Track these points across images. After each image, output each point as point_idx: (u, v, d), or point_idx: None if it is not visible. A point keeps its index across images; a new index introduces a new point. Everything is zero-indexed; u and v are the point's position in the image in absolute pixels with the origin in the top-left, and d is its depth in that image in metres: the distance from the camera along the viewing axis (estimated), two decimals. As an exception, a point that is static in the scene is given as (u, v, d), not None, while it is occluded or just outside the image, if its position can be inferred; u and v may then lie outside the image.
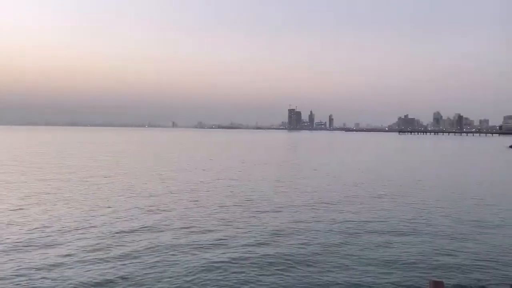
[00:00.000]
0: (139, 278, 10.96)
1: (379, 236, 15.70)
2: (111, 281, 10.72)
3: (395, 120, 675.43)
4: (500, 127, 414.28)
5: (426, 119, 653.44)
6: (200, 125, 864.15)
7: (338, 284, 10.79)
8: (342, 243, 14.64)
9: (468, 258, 12.99)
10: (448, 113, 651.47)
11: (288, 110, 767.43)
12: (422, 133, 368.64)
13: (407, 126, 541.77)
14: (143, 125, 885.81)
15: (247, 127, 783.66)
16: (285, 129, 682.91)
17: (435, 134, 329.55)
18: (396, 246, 14.36)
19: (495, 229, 17.06)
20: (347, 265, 12.26)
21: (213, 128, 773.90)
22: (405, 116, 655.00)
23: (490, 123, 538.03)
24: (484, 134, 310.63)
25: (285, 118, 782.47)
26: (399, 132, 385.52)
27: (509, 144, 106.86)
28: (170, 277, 11.07)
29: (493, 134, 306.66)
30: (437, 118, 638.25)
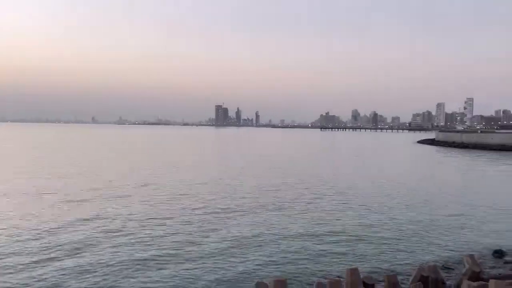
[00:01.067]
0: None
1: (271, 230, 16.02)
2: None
3: (317, 117, 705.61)
4: (409, 124, 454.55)
5: (346, 116, 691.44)
6: (121, 121, 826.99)
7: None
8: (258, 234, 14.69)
9: (380, 244, 13.74)
10: (365, 111, 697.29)
11: (215, 106, 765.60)
12: (342, 129, 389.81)
13: (328, 123, 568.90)
14: (59, 121, 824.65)
15: (174, 123, 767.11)
16: (213, 125, 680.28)
17: (353, 130, 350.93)
18: (300, 240, 14.75)
19: (401, 215, 18.36)
20: (275, 260, 12.27)
21: (136, 124, 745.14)
22: (326, 113, 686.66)
23: (401, 120, 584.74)
24: (396, 130, 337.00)
25: (212, 114, 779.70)
26: (321, 128, 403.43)
27: (417, 140, 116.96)
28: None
29: (403, 130, 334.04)
30: (355, 116, 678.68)
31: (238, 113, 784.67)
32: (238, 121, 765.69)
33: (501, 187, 29.02)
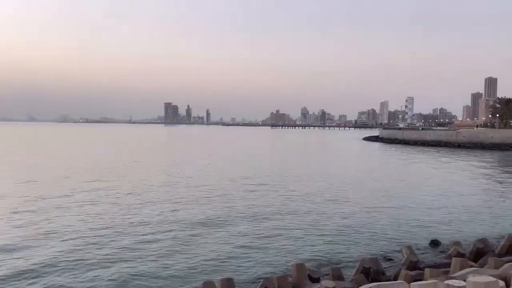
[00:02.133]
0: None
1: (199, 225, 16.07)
2: None
3: (268, 115, 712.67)
4: (355, 121, 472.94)
5: (295, 114, 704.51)
6: (64, 119, 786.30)
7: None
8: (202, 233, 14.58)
9: (326, 238, 14.13)
10: (313, 109, 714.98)
11: (164, 104, 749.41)
12: (292, 127, 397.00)
13: (278, 120, 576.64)
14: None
15: (120, 121, 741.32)
16: (162, 123, 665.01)
17: (303, 128, 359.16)
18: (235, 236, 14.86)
19: (347, 209, 19.01)
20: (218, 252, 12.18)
21: (80, 122, 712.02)
22: (276, 111, 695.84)
23: (348, 118, 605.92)
24: (343, 128, 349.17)
25: (161, 112, 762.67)
26: (272, 126, 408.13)
27: (362, 137, 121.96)
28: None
29: (350, 128, 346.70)
30: (304, 113, 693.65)
31: (188, 111, 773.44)
32: (188, 119, 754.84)
33: (437, 181, 30.91)
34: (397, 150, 71.37)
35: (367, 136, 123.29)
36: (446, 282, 4.95)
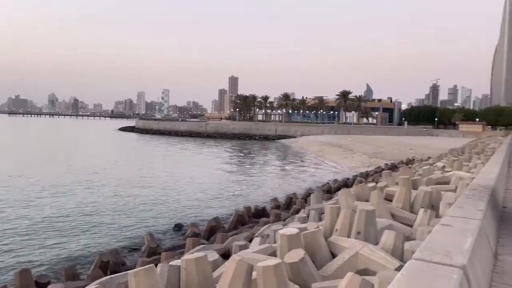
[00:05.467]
0: None
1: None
2: None
3: (4, 100, 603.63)
4: (112, 111, 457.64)
5: (41, 101, 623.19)
6: None
7: None
8: None
9: (61, 237, 12.90)
10: (64, 96, 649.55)
11: None
12: (36, 115, 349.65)
13: (19, 107, 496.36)
14: None
15: None
16: None
17: (51, 117, 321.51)
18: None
19: (90, 203, 18.03)
20: None
21: None
22: (16, 96, 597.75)
23: (104, 108, 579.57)
24: (98, 118, 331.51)
25: None
26: (9, 114, 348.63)
27: (118, 127, 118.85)
28: None
29: (106, 118, 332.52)
30: (53, 100, 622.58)
31: None
32: None
33: (185, 167, 33.26)
34: (152, 140, 73.09)
35: (123, 126, 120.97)
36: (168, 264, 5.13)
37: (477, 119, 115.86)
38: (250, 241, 8.23)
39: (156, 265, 5.31)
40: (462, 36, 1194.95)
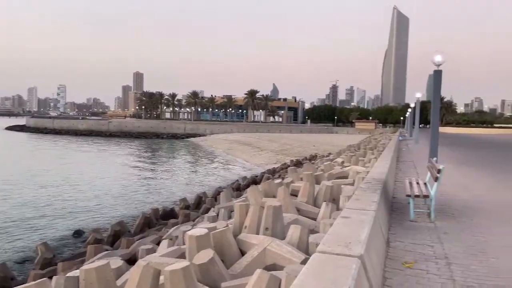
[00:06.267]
0: None
1: None
2: None
3: None
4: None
5: None
6: None
7: None
8: None
9: None
10: None
11: None
12: None
13: None
14: None
15: None
16: None
17: None
18: None
19: None
20: None
21: None
22: None
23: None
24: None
25: None
26: None
27: (5, 126, 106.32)
28: None
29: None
30: None
31: None
32: None
33: (85, 169, 30.99)
34: (46, 140, 66.78)
35: (11, 125, 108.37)
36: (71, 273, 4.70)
37: (370, 118, 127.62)
38: (158, 244, 7.94)
39: (51, 278, 4.84)
40: (358, 41, 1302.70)
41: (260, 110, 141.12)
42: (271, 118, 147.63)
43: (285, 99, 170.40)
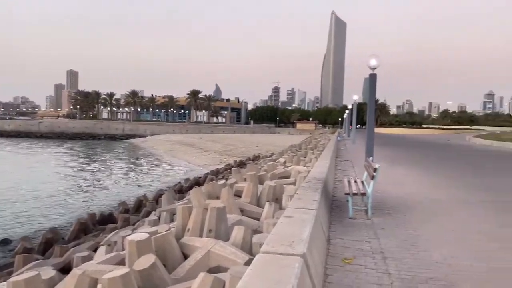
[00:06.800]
0: None
1: None
2: None
3: None
4: None
5: None
6: None
7: None
8: None
9: None
10: None
11: None
12: None
13: None
14: None
15: None
16: None
17: None
18: None
19: None
20: None
21: None
22: None
23: None
24: None
25: None
26: None
27: None
28: None
29: None
30: None
31: None
32: None
33: (12, 173, 28.79)
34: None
35: None
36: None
37: (310, 119, 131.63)
38: (95, 251, 7.55)
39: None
40: (300, 44, 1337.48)
41: (203, 111, 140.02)
42: (214, 119, 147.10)
43: (228, 100, 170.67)
